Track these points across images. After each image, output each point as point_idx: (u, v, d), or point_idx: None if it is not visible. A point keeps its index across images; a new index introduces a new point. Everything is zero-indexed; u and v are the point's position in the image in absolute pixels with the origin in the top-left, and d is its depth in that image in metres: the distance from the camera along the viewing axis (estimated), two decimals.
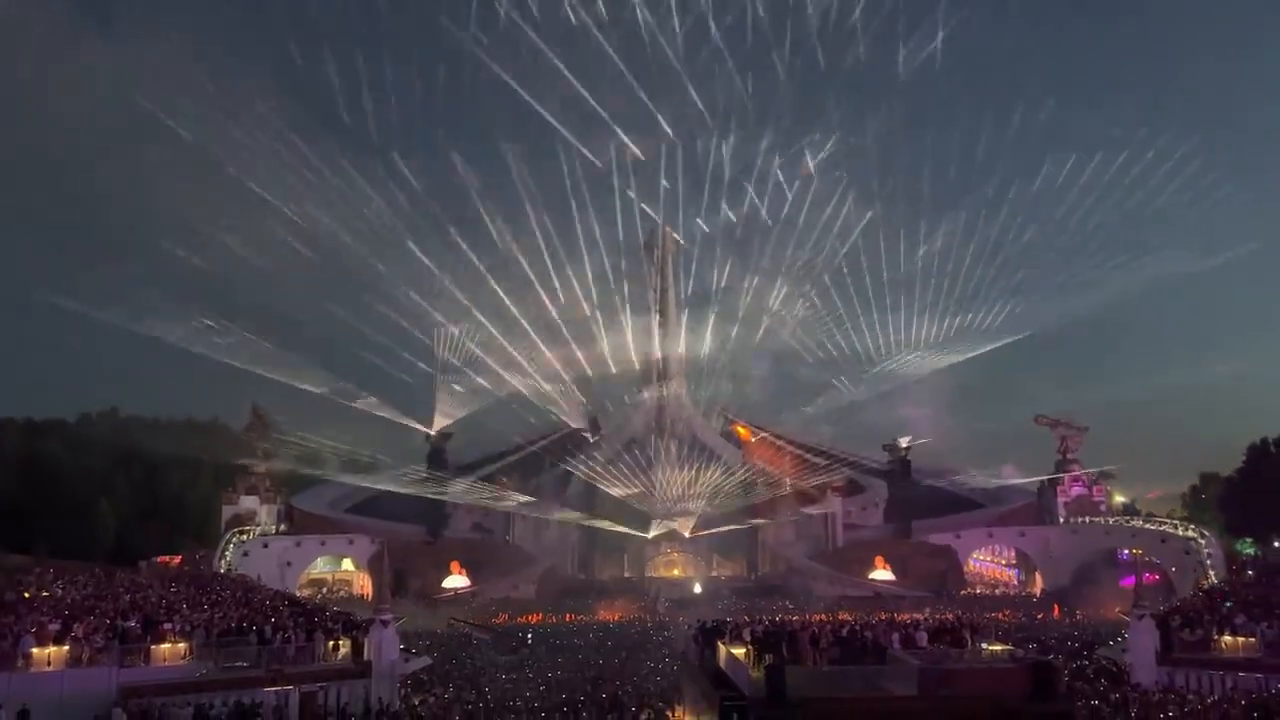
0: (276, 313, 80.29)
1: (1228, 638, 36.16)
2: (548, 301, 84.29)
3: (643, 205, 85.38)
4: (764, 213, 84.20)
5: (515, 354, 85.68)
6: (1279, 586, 45.79)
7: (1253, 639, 35.38)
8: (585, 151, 78.94)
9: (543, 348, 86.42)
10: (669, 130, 79.41)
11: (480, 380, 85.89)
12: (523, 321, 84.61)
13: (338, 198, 75.68)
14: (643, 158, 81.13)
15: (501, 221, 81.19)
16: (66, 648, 29.75)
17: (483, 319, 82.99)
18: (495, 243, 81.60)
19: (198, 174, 72.80)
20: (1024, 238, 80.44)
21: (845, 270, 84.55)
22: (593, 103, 75.91)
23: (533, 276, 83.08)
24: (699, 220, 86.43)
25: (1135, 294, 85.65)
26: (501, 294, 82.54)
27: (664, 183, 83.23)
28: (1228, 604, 42.04)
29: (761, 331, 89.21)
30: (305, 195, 74.15)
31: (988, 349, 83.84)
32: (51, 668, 29.04)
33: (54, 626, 31.21)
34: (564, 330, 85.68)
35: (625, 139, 78.56)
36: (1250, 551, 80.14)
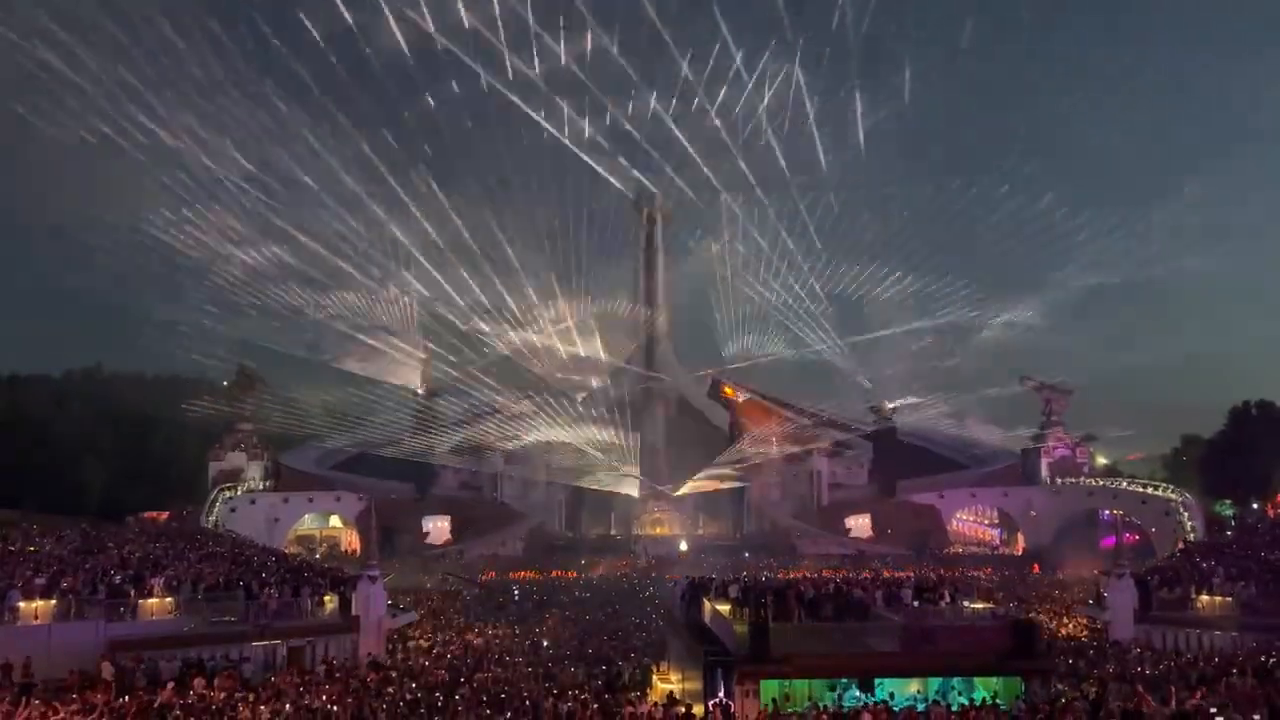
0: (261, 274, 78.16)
1: (1205, 597, 36.74)
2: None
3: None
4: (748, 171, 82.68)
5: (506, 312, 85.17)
6: (1256, 547, 46.37)
7: (1229, 599, 35.97)
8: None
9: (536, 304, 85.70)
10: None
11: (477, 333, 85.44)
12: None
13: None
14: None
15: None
16: (54, 601, 29.79)
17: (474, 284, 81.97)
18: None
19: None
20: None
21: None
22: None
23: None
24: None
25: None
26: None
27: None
28: (1209, 562, 42.67)
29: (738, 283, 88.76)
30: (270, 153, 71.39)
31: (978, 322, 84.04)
32: (39, 621, 29.08)
33: (40, 581, 31.23)
34: (555, 284, 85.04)
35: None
36: (1229, 513, 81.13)
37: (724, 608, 28.15)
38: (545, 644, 40.57)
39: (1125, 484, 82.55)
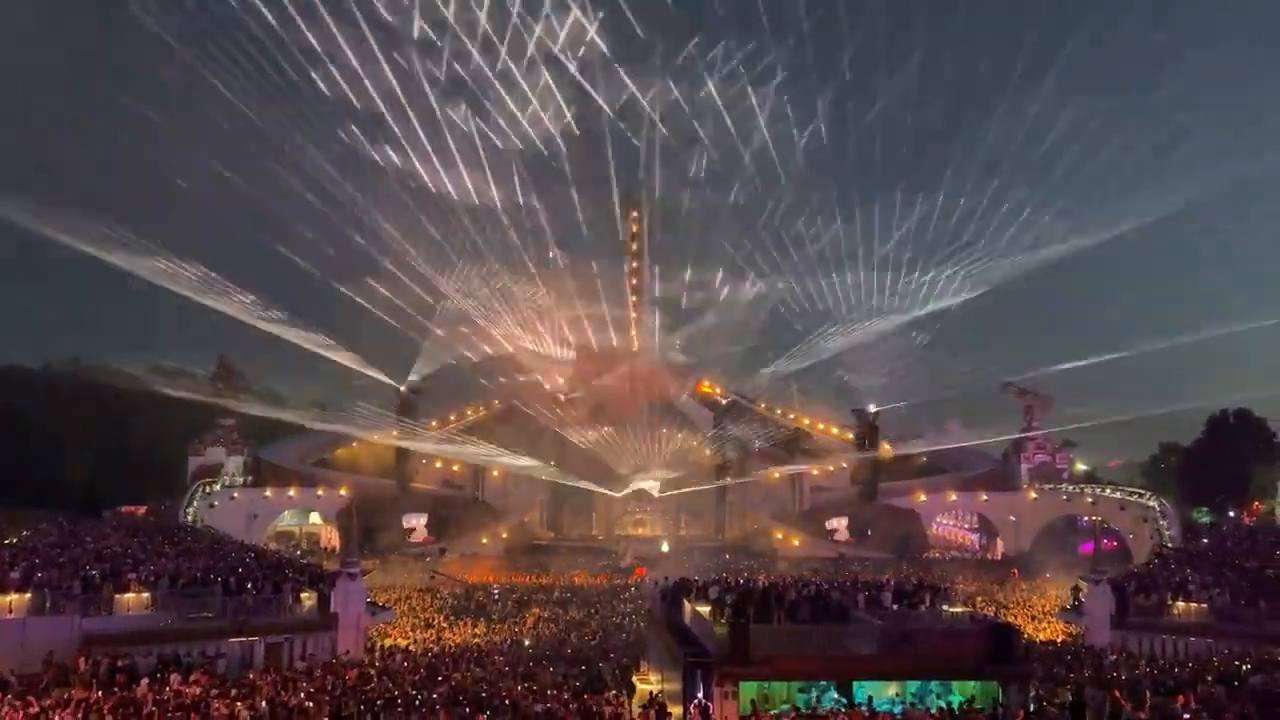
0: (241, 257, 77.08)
1: (1181, 603, 37.08)
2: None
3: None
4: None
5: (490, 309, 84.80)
6: (1232, 554, 46.80)
7: (1204, 605, 36.30)
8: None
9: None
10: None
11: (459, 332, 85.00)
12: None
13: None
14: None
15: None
16: (29, 595, 29.50)
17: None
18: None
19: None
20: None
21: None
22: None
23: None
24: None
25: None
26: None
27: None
28: (1185, 569, 43.02)
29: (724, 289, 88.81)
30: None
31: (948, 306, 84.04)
32: (13, 615, 28.79)
33: (15, 574, 30.92)
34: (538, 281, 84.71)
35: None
36: (1206, 520, 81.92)
37: (704, 609, 28.21)
38: (525, 643, 40.60)
39: (1105, 490, 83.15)
